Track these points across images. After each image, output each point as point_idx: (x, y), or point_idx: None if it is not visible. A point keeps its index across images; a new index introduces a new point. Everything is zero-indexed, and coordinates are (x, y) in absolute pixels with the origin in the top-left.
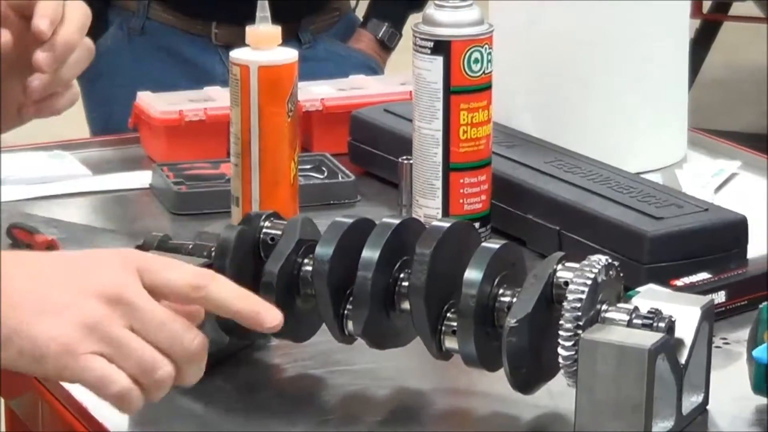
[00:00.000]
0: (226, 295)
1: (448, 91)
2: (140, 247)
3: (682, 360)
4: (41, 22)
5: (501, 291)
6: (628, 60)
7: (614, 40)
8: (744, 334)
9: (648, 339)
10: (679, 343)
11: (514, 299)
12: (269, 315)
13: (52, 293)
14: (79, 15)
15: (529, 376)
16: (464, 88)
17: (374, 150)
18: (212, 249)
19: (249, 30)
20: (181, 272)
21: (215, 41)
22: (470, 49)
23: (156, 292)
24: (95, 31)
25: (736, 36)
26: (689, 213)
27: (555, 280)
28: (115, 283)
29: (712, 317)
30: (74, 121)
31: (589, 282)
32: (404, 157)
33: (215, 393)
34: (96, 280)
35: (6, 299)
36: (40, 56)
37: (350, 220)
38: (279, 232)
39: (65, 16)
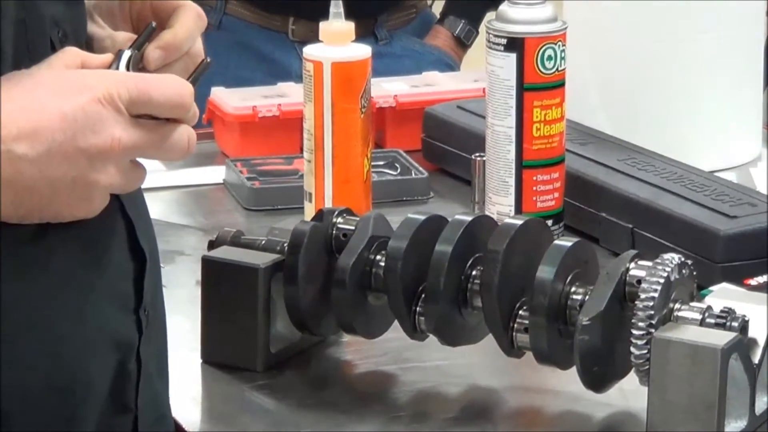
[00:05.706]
0: None
1: (522, 88)
2: (213, 243)
3: (756, 360)
4: (154, 53)
5: (573, 289)
6: (702, 57)
7: (688, 37)
8: None
9: (721, 338)
10: (753, 342)
11: (587, 297)
12: None
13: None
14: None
15: (601, 374)
16: (537, 86)
17: (447, 147)
18: (285, 245)
19: (322, 26)
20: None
21: (292, 37)
22: (543, 46)
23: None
24: None
25: None
26: (763, 212)
27: (627, 278)
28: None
29: None
30: None
31: (662, 280)
32: (477, 154)
33: (286, 388)
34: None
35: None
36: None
37: (423, 217)
38: (352, 228)
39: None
